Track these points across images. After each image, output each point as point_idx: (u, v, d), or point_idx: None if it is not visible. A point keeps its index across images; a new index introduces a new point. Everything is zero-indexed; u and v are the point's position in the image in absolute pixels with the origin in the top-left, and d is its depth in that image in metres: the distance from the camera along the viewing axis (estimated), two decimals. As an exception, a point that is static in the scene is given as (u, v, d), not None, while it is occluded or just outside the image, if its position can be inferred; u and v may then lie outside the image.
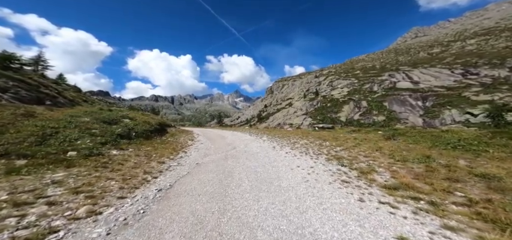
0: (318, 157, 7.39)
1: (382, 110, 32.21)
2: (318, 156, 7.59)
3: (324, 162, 6.64)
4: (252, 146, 10.61)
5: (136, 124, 11.62)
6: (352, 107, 36.70)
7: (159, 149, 8.80)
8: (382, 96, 36.19)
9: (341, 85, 50.78)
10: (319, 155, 7.70)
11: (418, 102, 31.64)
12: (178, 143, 11.88)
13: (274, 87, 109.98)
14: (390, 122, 28.88)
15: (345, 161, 6.56)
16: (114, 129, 9.14)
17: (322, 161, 6.72)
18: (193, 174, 5.41)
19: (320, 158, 7.27)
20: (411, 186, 4.07)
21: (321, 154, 7.91)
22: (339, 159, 6.85)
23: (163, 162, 6.38)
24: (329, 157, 7.25)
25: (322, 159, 6.97)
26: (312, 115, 38.74)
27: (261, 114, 73.63)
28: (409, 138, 9.45)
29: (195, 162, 6.82)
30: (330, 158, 7.14)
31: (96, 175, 4.65)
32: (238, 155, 7.99)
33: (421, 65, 45.09)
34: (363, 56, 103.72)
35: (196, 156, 7.77)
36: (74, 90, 44.49)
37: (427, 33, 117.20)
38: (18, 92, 15.56)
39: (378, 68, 54.45)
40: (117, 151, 7.26)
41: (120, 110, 21.56)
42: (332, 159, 6.95)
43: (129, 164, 5.77)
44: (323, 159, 7.06)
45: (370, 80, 45.34)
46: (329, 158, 7.15)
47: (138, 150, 7.89)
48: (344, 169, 5.69)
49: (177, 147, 9.83)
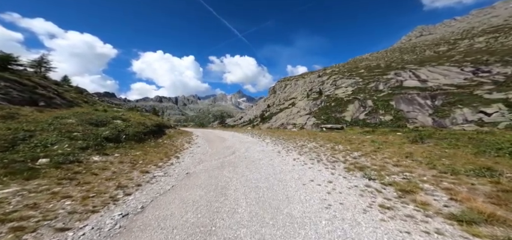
0: (335, 166, 6.21)
1: (389, 109, 31.06)
2: (334, 164, 6.42)
3: (345, 173, 5.45)
4: (253, 150, 9.62)
5: (128, 126, 10.81)
6: (357, 106, 35.57)
7: (150, 154, 7.95)
8: (388, 95, 34.98)
9: (345, 84, 49.59)
10: (335, 163, 6.54)
11: (426, 101, 30.36)
12: (173, 146, 11.04)
13: (277, 87, 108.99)
14: (398, 121, 27.77)
15: (371, 171, 5.36)
16: (100, 132, 8.32)
17: (342, 172, 5.56)
18: (178, 189, 4.42)
19: (337, 167, 6.11)
20: (494, 216, 2.83)
21: (336, 161, 6.75)
22: (362, 169, 5.66)
23: (148, 172, 5.49)
24: (349, 166, 6.04)
25: (341, 169, 5.80)
26: (315, 115, 37.69)
27: (264, 114, 72.71)
28: (441, 142, 8.24)
29: (186, 171, 5.90)
30: (350, 167, 5.94)
31: (53, 191, 3.78)
32: (237, 162, 7.00)
33: (428, 63, 43.67)
34: (366, 55, 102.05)
35: (188, 163, 6.86)
36: (75, 91, 44.19)
37: (433, 32, 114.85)
38: (9, 93, 14.93)
39: (382, 67, 53.08)
40: (99, 157, 6.42)
41: (118, 110, 20.87)
42: (353, 169, 5.75)
43: (104, 175, 4.92)
44: (341, 168, 5.88)
45: (375, 78, 44.08)
46: (349, 167, 5.95)
47: (125, 156, 7.05)
48: (375, 185, 4.48)
49: (170, 152, 8.97)
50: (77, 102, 30.80)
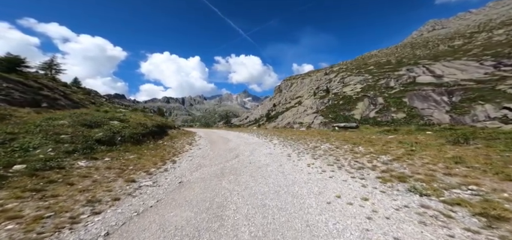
0: (363, 174, 5.05)
1: (402, 107, 29.51)
2: (361, 172, 5.25)
3: (380, 185, 4.26)
4: (259, 153, 8.64)
5: (124, 127, 10.22)
6: (367, 104, 34.08)
7: (145, 157, 7.27)
8: (400, 92, 33.30)
9: (353, 81, 47.87)
10: (361, 170, 5.37)
11: (443, 97, 28.57)
12: (173, 148, 10.37)
13: (283, 85, 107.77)
14: (411, 119, 26.27)
15: (417, 183, 4.14)
16: (93, 134, 7.73)
17: (376, 183, 4.38)
18: (162, 207, 3.57)
19: (367, 175, 4.97)
20: None
21: (363, 168, 5.60)
22: (403, 179, 4.43)
23: (134, 180, 4.75)
24: (383, 175, 4.81)
25: (373, 179, 4.63)
26: (323, 113, 36.44)
27: (270, 113, 71.80)
28: (493, 143, 6.91)
29: (179, 179, 5.08)
30: (384, 176, 4.73)
31: (4, 208, 3.07)
32: (241, 168, 6.05)
33: (443, 58, 41.38)
34: (375, 52, 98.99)
35: (184, 169, 6.09)
36: (83, 92, 44.85)
37: (446, 26, 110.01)
38: (10, 94, 14.79)
39: (393, 63, 50.93)
40: (86, 162, 5.78)
41: (120, 111, 20.56)
42: (390, 178, 4.56)
43: (81, 185, 4.22)
44: (373, 178, 4.70)
45: (386, 75, 42.21)
46: (383, 176, 4.74)
47: (116, 160, 6.38)
48: (434, 204, 3.29)
49: (167, 155, 8.28)
50: (83, 103, 30.96)
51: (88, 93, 47.24)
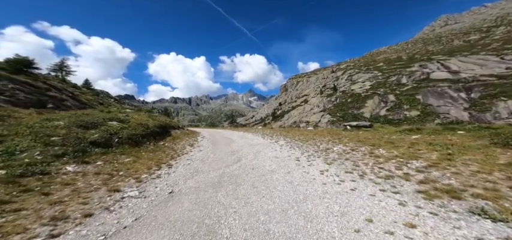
0: (395, 186, 4.06)
1: (415, 104, 28.06)
2: (391, 182, 4.27)
3: (424, 203, 3.28)
4: (264, 156, 7.90)
5: (123, 127, 9.82)
6: (377, 102, 32.72)
7: (140, 161, 6.78)
8: (413, 88, 31.74)
9: (362, 79, 46.30)
10: (390, 180, 4.38)
11: (460, 93, 26.89)
12: (173, 150, 9.88)
13: (289, 84, 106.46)
14: (426, 117, 24.88)
15: (477, 201, 3.20)
16: (88, 136, 7.32)
17: (416, 199, 3.41)
18: (138, 229, 2.90)
19: (400, 187, 3.97)
20: None
21: (391, 176, 4.60)
22: (452, 194, 3.47)
23: (118, 190, 4.19)
24: (423, 188, 3.78)
25: (411, 194, 3.61)
26: (330, 112, 35.32)
27: (276, 112, 70.94)
28: None
29: (170, 189, 4.51)
30: (425, 189, 3.73)
31: None
32: (242, 175, 5.34)
33: (458, 53, 39.22)
34: (384, 48, 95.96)
35: (179, 176, 5.53)
36: (91, 93, 45.67)
37: (459, 20, 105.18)
38: (15, 95, 14.84)
39: (404, 59, 48.95)
40: (75, 166, 5.32)
41: (124, 111, 20.44)
42: (434, 192, 3.58)
43: (58, 195, 3.72)
44: (411, 192, 3.68)
45: (397, 72, 40.51)
46: (424, 189, 3.72)
47: (109, 164, 5.91)
48: None
49: (165, 157, 7.76)
50: (91, 104, 31.29)
51: (97, 94, 48.08)
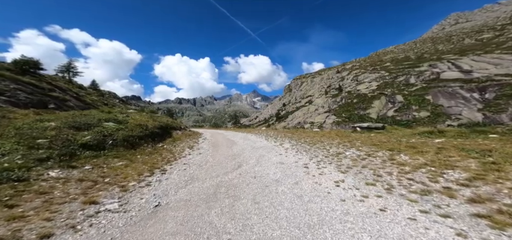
0: (440, 205, 3.25)
1: (424, 105, 27.01)
2: (431, 200, 3.43)
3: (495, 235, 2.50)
4: (267, 161, 7.18)
5: (119, 129, 9.45)
6: (384, 102, 31.73)
7: (133, 165, 6.35)
8: (422, 89, 30.61)
9: (368, 79, 45.17)
10: (428, 196, 3.55)
11: (473, 94, 25.68)
12: (170, 152, 9.44)
13: (293, 85, 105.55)
14: (436, 117, 23.87)
15: None
16: (79, 138, 6.94)
17: (478, 227, 2.65)
18: None
19: (446, 208, 3.16)
20: None
21: (428, 191, 3.72)
22: None
23: (96, 202, 3.68)
24: (478, 210, 3.01)
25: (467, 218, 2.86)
26: (336, 113, 34.47)
27: (280, 113, 70.24)
28: None
29: (157, 201, 3.95)
30: (484, 212, 2.94)
31: None
32: (241, 186, 4.66)
33: (471, 52, 37.68)
34: (391, 48, 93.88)
35: (171, 184, 5.00)
36: (97, 94, 46.10)
37: (471, 19, 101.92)
38: (16, 96, 14.76)
39: (413, 59, 47.51)
40: (59, 171, 4.91)
41: (125, 111, 20.26)
42: (502, 219, 2.76)
43: (23, 208, 3.27)
44: (465, 215, 2.92)
45: (405, 71, 39.27)
46: (486, 214, 2.91)
47: (97, 169, 5.48)
48: None
49: (161, 161, 7.31)
50: (95, 104, 31.38)
51: (102, 95, 48.55)
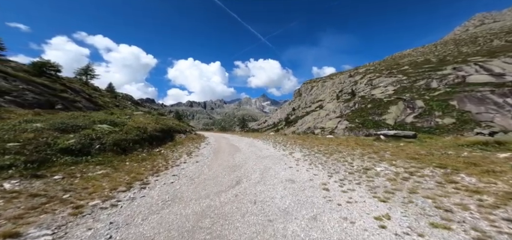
0: None
1: (449, 111, 24.61)
2: None
3: None
4: (273, 177, 5.80)
5: (112, 131, 8.79)
6: (402, 108, 29.45)
7: (114, 175, 5.53)
8: (446, 93, 28.06)
9: (384, 83, 42.70)
10: None
11: (506, 99, 22.97)
12: (165, 159, 8.61)
13: (303, 89, 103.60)
14: (463, 125, 21.48)
15: None
16: (60, 141, 6.27)
17: None
18: None
19: None
20: None
21: None
22: None
23: (18, 235, 2.76)
24: None
25: None
26: (348, 118, 32.57)
27: (289, 117, 68.66)
28: None
29: (109, 235, 2.88)
30: None
31: None
32: (234, 217, 3.44)
33: (502, 54, 34.35)
34: (408, 51, 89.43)
35: (145, 205, 3.94)
36: (110, 96, 47.49)
37: (498, 19, 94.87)
38: (22, 96, 14.85)
39: (434, 62, 44.38)
40: (17, 182, 4.16)
41: (130, 113, 20.07)
42: None
43: None
44: None
45: (425, 75, 36.58)
46: None
47: (67, 179, 4.71)
48: None
49: (147, 171, 6.44)
50: (107, 106, 31.89)
51: (115, 96, 49.99)
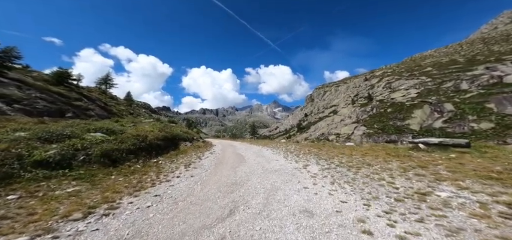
0: None
1: (485, 114, 21.69)
2: None
3: None
4: (282, 205, 4.27)
5: (105, 140, 8.09)
6: (429, 112, 26.68)
7: (86, 193, 4.65)
8: (480, 95, 25.01)
9: (405, 86, 39.67)
10: None
11: (558, 102, 19.72)
12: (158, 172, 7.69)
13: (315, 94, 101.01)
14: (505, 130, 18.58)
15: None
16: (36, 153, 5.57)
17: None
18: None
19: None
20: None
21: None
22: None
23: None
24: None
25: None
26: (366, 123, 30.21)
27: (301, 123, 66.53)
28: None
29: None
30: None
31: None
32: None
33: (544, 48, 30.37)
34: (430, 52, 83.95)
35: None
36: (125, 104, 49.08)
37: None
38: (32, 104, 14.99)
39: (462, 62, 40.62)
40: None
41: (137, 121, 19.88)
42: None
43: None
44: None
45: (453, 76, 33.31)
46: None
47: (27, 199, 3.89)
48: None
49: (128, 188, 5.50)
50: (120, 113, 32.49)
51: (130, 105, 51.65)
